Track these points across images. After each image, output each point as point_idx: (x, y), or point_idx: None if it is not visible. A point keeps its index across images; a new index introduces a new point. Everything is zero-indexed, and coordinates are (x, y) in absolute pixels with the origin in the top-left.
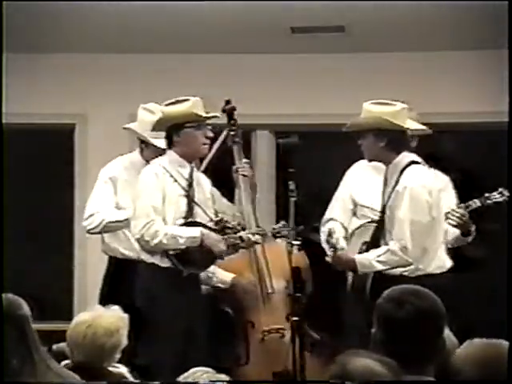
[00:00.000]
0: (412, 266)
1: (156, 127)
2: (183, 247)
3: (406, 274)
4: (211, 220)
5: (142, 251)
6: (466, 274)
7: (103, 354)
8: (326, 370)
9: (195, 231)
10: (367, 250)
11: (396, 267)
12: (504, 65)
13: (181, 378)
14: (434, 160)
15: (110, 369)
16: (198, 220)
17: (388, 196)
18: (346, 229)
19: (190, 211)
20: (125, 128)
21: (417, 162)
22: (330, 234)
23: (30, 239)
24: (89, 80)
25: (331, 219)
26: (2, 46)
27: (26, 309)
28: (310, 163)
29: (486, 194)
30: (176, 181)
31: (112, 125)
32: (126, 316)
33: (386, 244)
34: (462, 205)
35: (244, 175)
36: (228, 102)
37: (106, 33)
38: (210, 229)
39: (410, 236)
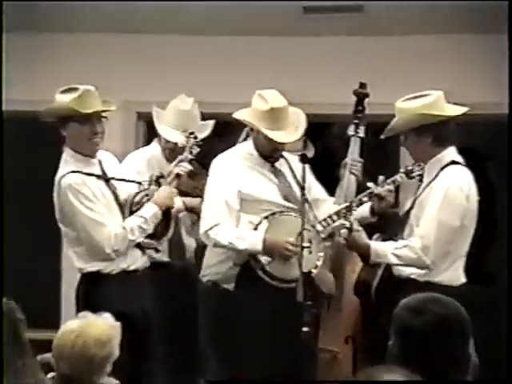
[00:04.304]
0: (424, 270)
1: (43, 115)
2: (151, 230)
3: (414, 277)
4: (140, 183)
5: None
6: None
7: (93, 366)
8: None
9: (150, 207)
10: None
11: (410, 266)
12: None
13: None
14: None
15: (101, 382)
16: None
17: (421, 190)
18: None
19: (115, 195)
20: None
21: (457, 162)
22: (349, 212)
23: (16, 238)
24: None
25: (218, 225)
26: (2, 44)
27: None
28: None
29: (409, 168)
30: (92, 174)
31: (111, 113)
32: (118, 324)
33: (403, 239)
34: (389, 180)
35: (354, 174)
36: (362, 86)
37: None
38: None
39: (434, 236)
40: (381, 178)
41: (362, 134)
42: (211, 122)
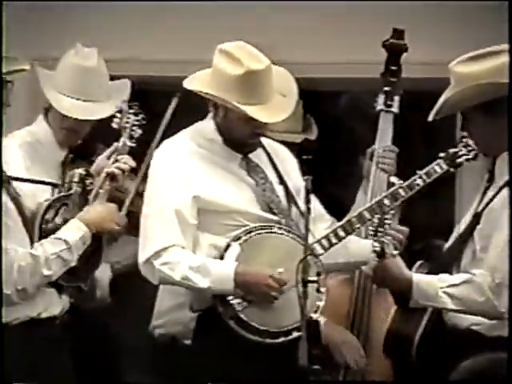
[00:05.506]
0: (493, 320)
1: None
2: (75, 261)
3: (478, 329)
4: (55, 186)
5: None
6: None
7: None
8: None
9: (75, 227)
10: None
11: (473, 313)
12: None
13: None
14: None
15: None
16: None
17: (491, 196)
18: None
19: (18, 205)
20: None
21: None
22: (380, 227)
23: None
24: None
25: (166, 249)
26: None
27: None
28: None
29: (452, 151)
30: None
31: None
32: None
33: (462, 272)
34: (421, 172)
35: (384, 169)
36: (397, 34)
37: None
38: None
39: None
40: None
41: (395, 109)
42: (126, 83)
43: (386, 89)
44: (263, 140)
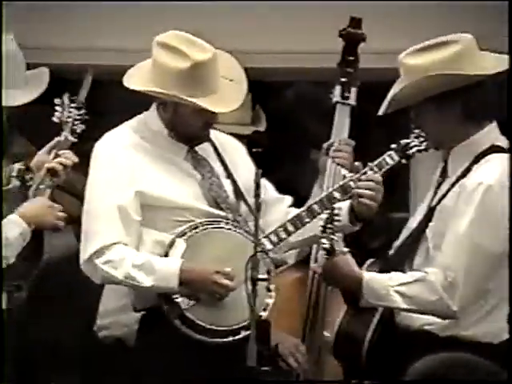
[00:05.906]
0: (447, 320)
1: None
2: (14, 258)
3: (430, 329)
4: None
5: None
6: None
7: None
8: None
9: (13, 222)
10: None
11: (425, 312)
12: None
13: None
14: None
15: None
16: None
17: (444, 191)
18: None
19: None
20: None
21: (502, 149)
22: (329, 224)
23: None
24: None
25: (108, 247)
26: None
27: None
28: None
29: (404, 141)
30: None
31: None
32: None
33: (414, 270)
34: (372, 164)
35: (339, 164)
36: (354, 22)
37: None
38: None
39: (465, 267)
40: (356, 164)
41: (353, 101)
42: (45, 71)
43: (342, 80)
44: (213, 134)
